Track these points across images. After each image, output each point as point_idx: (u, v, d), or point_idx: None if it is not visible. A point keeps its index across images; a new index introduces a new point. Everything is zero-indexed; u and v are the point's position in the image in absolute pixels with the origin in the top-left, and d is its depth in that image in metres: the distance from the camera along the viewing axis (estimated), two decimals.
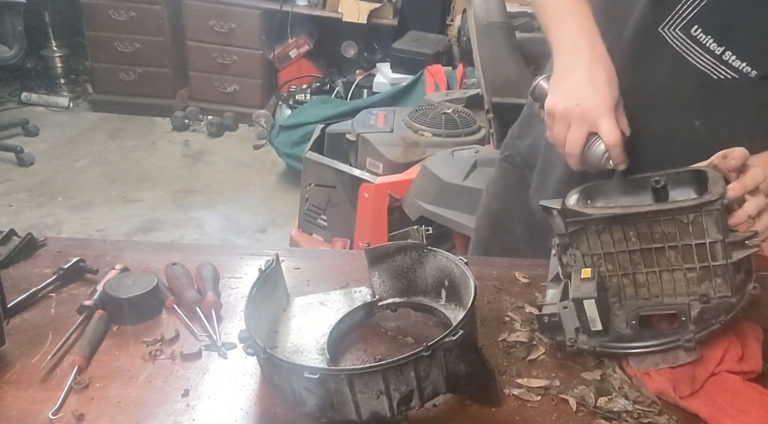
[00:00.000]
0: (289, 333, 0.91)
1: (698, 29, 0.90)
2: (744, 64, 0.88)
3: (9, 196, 3.36)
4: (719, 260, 0.79)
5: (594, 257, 0.85)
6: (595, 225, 0.83)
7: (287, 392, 0.75)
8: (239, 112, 4.29)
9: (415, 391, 0.73)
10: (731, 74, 0.89)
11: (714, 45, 0.89)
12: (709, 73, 0.91)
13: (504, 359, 0.89)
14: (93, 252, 1.08)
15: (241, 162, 3.92)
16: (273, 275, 0.92)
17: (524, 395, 0.82)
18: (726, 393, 0.80)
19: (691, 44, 0.91)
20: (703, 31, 0.89)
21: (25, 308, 0.94)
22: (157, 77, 4.30)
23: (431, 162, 2.17)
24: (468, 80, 3.29)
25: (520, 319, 0.97)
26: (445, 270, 0.94)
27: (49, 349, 0.85)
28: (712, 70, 0.91)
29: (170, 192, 3.53)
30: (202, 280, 0.99)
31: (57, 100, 4.42)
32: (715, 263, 0.79)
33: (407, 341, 0.92)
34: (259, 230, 3.24)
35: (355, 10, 4.07)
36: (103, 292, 0.94)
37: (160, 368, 0.85)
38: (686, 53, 0.92)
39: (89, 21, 4.14)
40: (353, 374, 0.71)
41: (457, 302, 0.93)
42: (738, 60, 0.88)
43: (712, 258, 0.79)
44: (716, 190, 0.77)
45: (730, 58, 0.89)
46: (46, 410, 0.76)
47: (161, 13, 4.11)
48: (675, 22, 0.91)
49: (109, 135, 4.12)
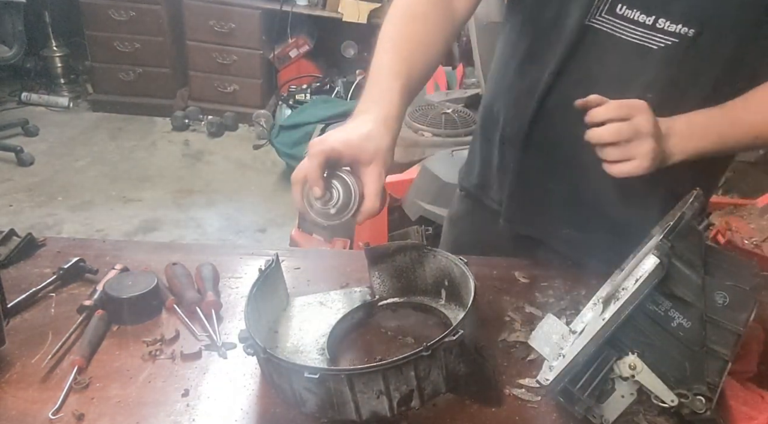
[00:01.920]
0: (289, 333, 0.91)
1: (623, 7, 0.92)
2: (680, 26, 0.89)
3: (9, 196, 3.36)
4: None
5: None
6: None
7: (287, 392, 0.75)
8: (239, 112, 4.29)
9: (415, 391, 0.73)
10: (670, 40, 0.90)
11: (643, 17, 0.91)
12: (648, 46, 0.92)
13: (504, 359, 0.89)
14: (93, 252, 1.08)
15: (241, 162, 3.92)
16: (273, 275, 0.92)
17: (524, 395, 0.82)
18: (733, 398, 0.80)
19: (622, 23, 0.92)
20: (628, 7, 0.91)
21: (25, 308, 0.94)
22: (157, 77, 4.30)
23: (431, 162, 2.17)
24: (468, 80, 3.28)
25: (520, 319, 0.97)
26: (445, 270, 0.94)
27: (49, 349, 0.85)
28: (650, 41, 0.91)
29: (170, 192, 3.53)
30: (202, 280, 0.99)
31: (57, 100, 4.42)
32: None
33: (407, 341, 0.92)
34: (259, 230, 3.24)
35: (355, 10, 4.07)
36: (103, 292, 0.94)
37: (160, 368, 0.85)
38: (621, 33, 0.93)
39: (89, 21, 4.15)
40: (353, 374, 0.71)
41: (457, 302, 0.93)
42: (673, 24, 0.89)
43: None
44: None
45: (665, 25, 0.90)
46: (46, 410, 0.76)
47: (161, 13, 4.11)
48: (599, 10, 0.93)
49: (109, 135, 4.12)
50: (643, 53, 0.92)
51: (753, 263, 0.85)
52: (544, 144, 1.05)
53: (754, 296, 0.78)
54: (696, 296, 0.75)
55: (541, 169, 1.08)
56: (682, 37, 0.89)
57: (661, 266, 0.72)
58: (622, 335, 0.75)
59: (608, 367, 0.75)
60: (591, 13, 0.93)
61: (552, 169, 1.07)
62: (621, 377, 0.76)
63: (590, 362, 0.74)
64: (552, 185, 1.09)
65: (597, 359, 0.75)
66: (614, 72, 0.96)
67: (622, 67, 0.95)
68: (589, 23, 0.94)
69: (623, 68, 0.95)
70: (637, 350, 0.75)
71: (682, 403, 0.73)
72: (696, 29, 0.89)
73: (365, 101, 0.88)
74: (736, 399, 0.80)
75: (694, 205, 0.85)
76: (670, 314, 0.75)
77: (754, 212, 2.13)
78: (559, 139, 1.02)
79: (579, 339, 0.81)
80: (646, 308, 0.75)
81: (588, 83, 0.95)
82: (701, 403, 0.72)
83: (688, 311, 0.75)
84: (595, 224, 1.07)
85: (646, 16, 0.90)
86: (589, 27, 0.94)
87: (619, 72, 0.95)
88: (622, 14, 0.92)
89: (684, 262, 0.76)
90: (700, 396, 0.72)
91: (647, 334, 0.75)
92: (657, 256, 0.73)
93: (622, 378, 0.76)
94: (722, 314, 0.75)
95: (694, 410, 0.73)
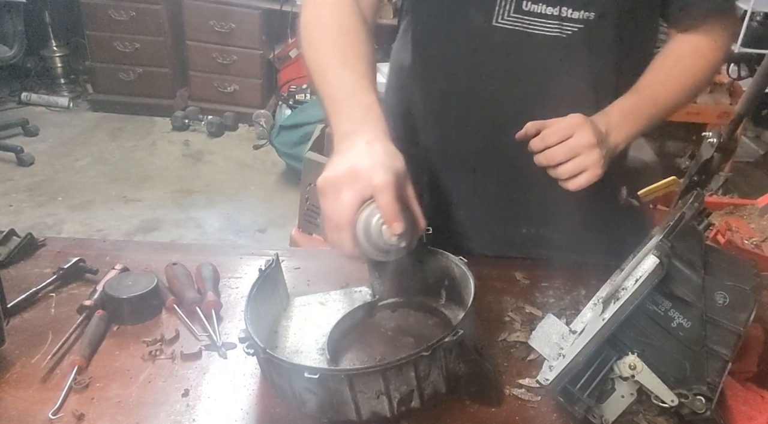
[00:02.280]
0: (289, 333, 0.91)
1: (528, 3, 0.93)
2: (582, 12, 0.93)
3: (9, 196, 3.36)
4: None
5: None
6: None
7: (287, 392, 0.75)
8: (239, 112, 4.29)
9: (415, 391, 0.73)
10: (576, 26, 0.94)
11: (549, 8, 0.93)
12: (559, 35, 0.95)
13: (504, 359, 0.89)
14: (93, 252, 1.08)
15: (241, 162, 3.92)
16: (273, 275, 0.92)
17: (524, 395, 0.82)
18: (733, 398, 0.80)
19: (531, 19, 0.94)
20: (533, 2, 0.93)
21: (25, 308, 0.94)
22: (157, 77, 4.30)
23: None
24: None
25: (520, 319, 0.97)
26: (445, 270, 0.94)
27: (49, 349, 0.85)
28: (559, 30, 0.94)
29: (170, 192, 3.53)
30: (202, 280, 0.99)
31: (57, 100, 4.42)
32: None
33: (407, 341, 0.92)
34: (259, 230, 3.24)
35: None
36: (103, 292, 0.94)
37: (160, 368, 0.85)
38: (532, 29, 0.95)
39: (89, 21, 4.15)
40: (353, 374, 0.71)
41: (457, 302, 0.93)
42: (575, 11, 0.93)
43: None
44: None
45: (568, 13, 0.93)
46: (46, 410, 0.76)
47: (161, 13, 4.11)
48: (504, 10, 0.94)
49: (109, 135, 4.12)
50: (556, 43, 0.95)
51: (753, 263, 0.85)
52: (484, 154, 1.05)
53: (754, 296, 0.78)
54: (696, 296, 0.75)
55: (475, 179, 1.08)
56: (585, 21, 0.94)
57: (661, 265, 0.72)
58: (622, 335, 0.75)
59: (608, 367, 0.75)
60: (497, 14, 0.94)
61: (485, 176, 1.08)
62: (621, 377, 0.76)
63: (590, 362, 0.74)
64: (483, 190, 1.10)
65: (597, 359, 0.75)
66: (533, 66, 0.98)
67: (539, 60, 0.97)
68: (497, 24, 0.95)
69: (541, 61, 0.97)
70: (637, 350, 0.75)
71: (682, 403, 0.73)
72: (596, 12, 0.93)
73: (350, 121, 0.81)
74: (736, 399, 0.80)
75: (694, 205, 0.86)
76: (670, 314, 0.75)
77: (754, 211, 2.13)
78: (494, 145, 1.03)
79: (579, 339, 0.81)
80: (646, 308, 0.75)
81: (509, 82, 0.98)
82: (701, 403, 0.72)
83: (688, 311, 0.75)
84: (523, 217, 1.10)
85: (552, 8, 0.93)
86: (497, 28, 0.95)
87: (538, 65, 0.97)
88: (528, 10, 0.94)
89: (684, 262, 0.76)
90: (700, 396, 0.72)
91: (647, 334, 0.75)
92: (657, 256, 0.73)
93: (622, 378, 0.76)
94: (722, 314, 0.75)
95: (694, 410, 0.73)
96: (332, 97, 0.85)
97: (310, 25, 0.93)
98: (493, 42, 0.96)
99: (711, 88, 3.40)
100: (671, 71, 1.01)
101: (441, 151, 1.08)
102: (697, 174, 2.02)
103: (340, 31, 0.91)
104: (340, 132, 0.81)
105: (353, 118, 0.81)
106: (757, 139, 4.33)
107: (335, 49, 0.90)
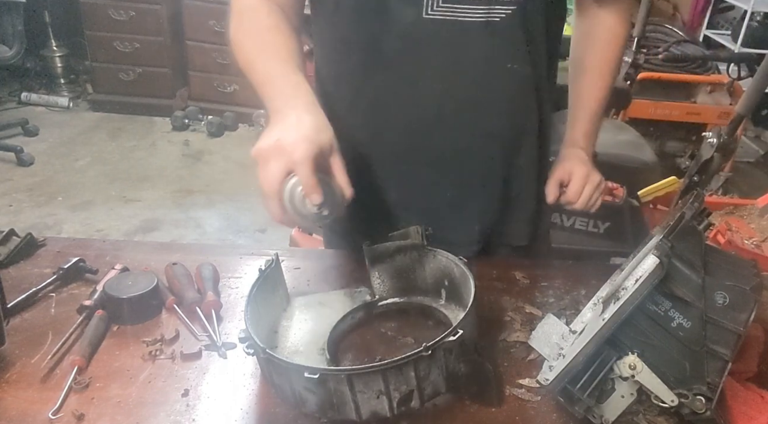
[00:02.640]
0: (289, 333, 0.91)
1: None
2: None
3: (9, 196, 3.36)
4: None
5: None
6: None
7: (287, 392, 0.75)
8: (239, 112, 4.29)
9: (415, 391, 0.73)
10: (509, 8, 0.95)
11: None
12: (492, 19, 0.95)
13: (504, 359, 0.89)
14: (93, 252, 1.08)
15: (241, 162, 3.92)
16: (273, 275, 0.92)
17: (524, 395, 0.82)
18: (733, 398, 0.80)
19: (460, 7, 0.94)
20: None
21: (25, 308, 0.94)
22: (157, 77, 4.30)
23: None
24: None
25: (520, 319, 0.97)
26: (445, 270, 0.94)
27: (49, 349, 0.85)
28: (492, 15, 0.95)
29: (170, 192, 3.53)
30: (202, 280, 0.99)
31: (57, 100, 4.42)
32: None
33: (407, 341, 0.92)
34: (259, 230, 3.24)
35: None
36: (103, 292, 0.94)
37: (160, 368, 0.85)
38: (465, 16, 0.95)
39: (89, 21, 4.15)
40: (353, 374, 0.71)
41: (457, 302, 0.93)
42: None
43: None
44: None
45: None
46: (46, 410, 0.76)
47: (161, 13, 4.11)
48: (433, 1, 0.94)
49: (108, 135, 4.12)
50: (488, 29, 0.95)
51: (753, 263, 0.85)
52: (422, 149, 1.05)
53: (754, 296, 0.78)
54: (696, 296, 0.75)
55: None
56: (516, 3, 0.94)
57: (661, 265, 0.72)
58: (622, 335, 0.75)
59: (608, 367, 0.75)
60: (427, 5, 0.94)
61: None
62: (621, 377, 0.76)
63: (590, 362, 0.74)
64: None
65: (597, 359, 0.75)
66: (467, 54, 0.98)
67: (472, 47, 0.97)
68: (427, 17, 0.95)
69: (474, 48, 0.97)
70: (637, 350, 0.75)
71: (682, 403, 0.73)
72: None
73: (280, 98, 0.86)
74: (736, 399, 0.80)
75: (694, 205, 0.86)
76: (670, 314, 0.75)
77: (754, 211, 2.14)
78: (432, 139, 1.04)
79: (579, 339, 0.81)
80: (646, 308, 0.75)
81: (443, 72, 0.98)
82: (701, 403, 0.72)
83: (688, 311, 0.75)
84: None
85: None
86: (427, 20, 0.95)
87: (471, 53, 0.97)
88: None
89: (684, 262, 0.76)
90: (700, 396, 0.72)
91: (647, 334, 0.75)
92: (657, 256, 0.73)
93: (622, 378, 0.76)
94: (722, 314, 0.75)
95: (694, 410, 0.73)
96: (263, 82, 0.90)
97: (237, 31, 0.97)
98: (424, 35, 0.96)
99: (711, 88, 3.41)
100: (601, 69, 1.13)
101: (376, 147, 1.06)
102: (697, 174, 2.02)
103: (262, 29, 0.96)
104: (273, 109, 0.86)
105: (284, 94, 0.87)
106: (757, 139, 4.33)
107: (260, 45, 0.95)
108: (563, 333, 0.89)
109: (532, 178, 1.11)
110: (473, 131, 1.02)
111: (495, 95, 1.00)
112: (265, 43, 0.95)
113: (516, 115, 1.04)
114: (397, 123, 1.04)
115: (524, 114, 1.04)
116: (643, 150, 2.46)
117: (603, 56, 1.13)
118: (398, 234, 0.96)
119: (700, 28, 4.50)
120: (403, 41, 0.97)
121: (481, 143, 1.03)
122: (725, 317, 0.75)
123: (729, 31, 4.36)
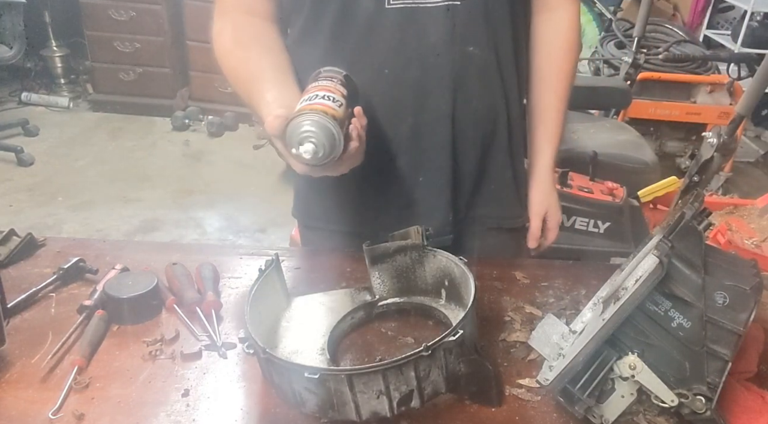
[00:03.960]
0: (289, 333, 0.91)
1: None
2: None
3: (9, 196, 3.36)
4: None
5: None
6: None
7: (287, 392, 0.75)
8: (239, 112, 4.28)
9: (415, 391, 0.73)
10: None
11: None
12: (451, 4, 0.96)
13: (504, 359, 0.89)
14: (93, 252, 1.08)
15: (241, 162, 3.92)
16: (273, 275, 0.92)
17: (524, 395, 0.82)
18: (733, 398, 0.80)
19: None
20: None
21: (25, 308, 0.94)
22: (157, 77, 4.30)
23: None
24: None
25: (520, 319, 0.97)
26: (445, 270, 0.94)
27: (49, 349, 0.85)
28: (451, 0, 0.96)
29: (170, 192, 3.52)
30: (202, 280, 0.99)
31: (57, 100, 4.42)
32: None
33: (407, 341, 0.92)
34: (259, 230, 3.24)
35: None
36: (103, 292, 0.94)
37: (160, 368, 0.85)
38: (423, 3, 0.95)
39: (89, 21, 4.15)
40: (353, 374, 0.71)
41: (457, 302, 0.93)
42: None
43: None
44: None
45: None
46: (46, 410, 0.76)
47: (161, 13, 4.11)
48: None
49: (109, 135, 4.12)
50: (449, 14, 0.96)
51: (753, 263, 0.85)
52: (390, 139, 1.06)
53: (754, 296, 0.78)
54: (696, 296, 0.75)
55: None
56: None
57: (661, 265, 0.72)
58: (622, 335, 0.75)
59: (608, 367, 0.75)
60: None
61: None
62: (621, 377, 0.76)
63: (590, 362, 0.74)
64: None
65: (597, 359, 0.75)
66: (428, 41, 0.98)
67: (434, 34, 0.97)
68: (389, 7, 0.95)
69: (436, 35, 0.97)
70: (637, 350, 0.75)
71: (682, 403, 0.73)
72: None
73: (271, 90, 0.92)
74: (736, 399, 0.80)
75: (694, 205, 0.86)
76: (670, 314, 0.75)
77: (754, 212, 2.14)
78: (400, 128, 1.05)
79: (579, 339, 0.81)
80: (646, 308, 0.75)
81: (406, 60, 0.98)
82: (701, 403, 0.72)
83: (688, 311, 0.75)
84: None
85: None
86: (390, 10, 0.96)
87: (433, 39, 0.98)
88: None
89: (684, 262, 0.76)
90: (700, 396, 0.72)
91: (647, 334, 0.75)
92: (657, 256, 0.73)
93: (622, 378, 0.76)
94: (722, 314, 0.75)
95: (694, 410, 0.73)
96: (251, 81, 0.96)
97: (217, 48, 1.02)
98: (386, 24, 0.96)
99: (711, 88, 3.41)
100: (560, 80, 1.13)
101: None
102: (697, 174, 2.02)
103: (240, 45, 1.00)
104: (265, 104, 0.90)
105: (275, 89, 0.92)
106: (757, 139, 4.33)
107: (244, 62, 0.99)
108: (563, 333, 0.89)
109: (504, 160, 1.11)
110: (437, 115, 1.02)
111: (458, 80, 1.00)
112: (248, 61, 0.99)
113: (481, 98, 1.04)
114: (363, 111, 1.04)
115: (489, 98, 1.05)
116: (643, 150, 2.46)
117: (560, 67, 1.13)
118: (398, 234, 0.96)
119: (700, 28, 4.50)
120: (366, 31, 0.97)
121: (445, 126, 1.03)
122: (725, 317, 0.75)
123: (729, 31, 4.36)
